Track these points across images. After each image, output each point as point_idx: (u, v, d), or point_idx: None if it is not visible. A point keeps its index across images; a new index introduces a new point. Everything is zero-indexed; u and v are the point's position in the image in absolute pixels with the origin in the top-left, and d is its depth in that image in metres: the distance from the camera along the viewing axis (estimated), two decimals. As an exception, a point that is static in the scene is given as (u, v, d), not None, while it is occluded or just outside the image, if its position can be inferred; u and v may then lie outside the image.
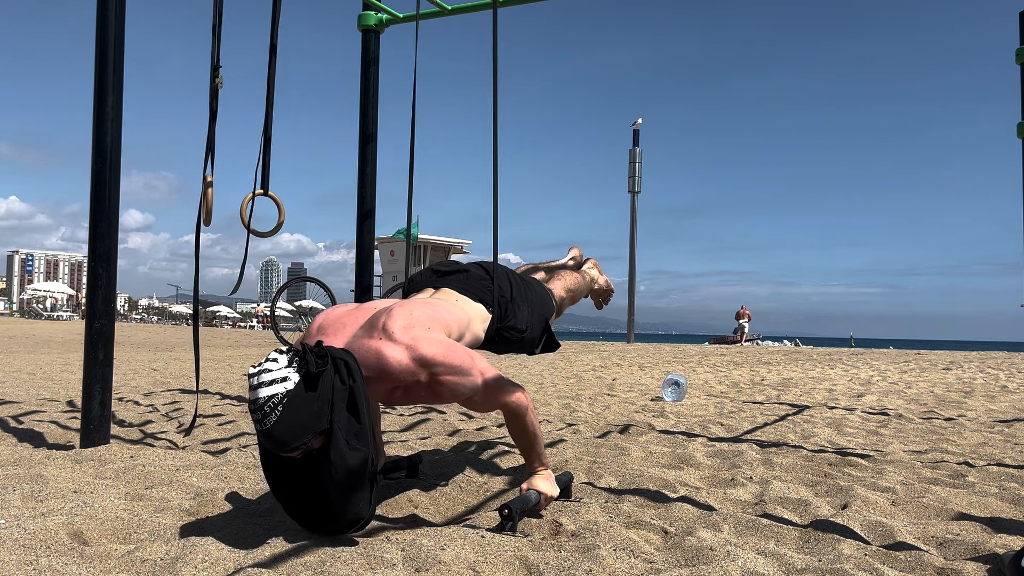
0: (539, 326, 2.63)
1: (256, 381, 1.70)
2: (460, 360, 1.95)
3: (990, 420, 4.52)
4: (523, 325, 2.52)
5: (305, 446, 1.73)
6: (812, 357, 12.56)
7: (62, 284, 73.02)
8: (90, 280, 2.98)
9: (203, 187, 2.85)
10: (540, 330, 2.65)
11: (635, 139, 25.91)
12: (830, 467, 2.95)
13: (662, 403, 5.15)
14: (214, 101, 2.87)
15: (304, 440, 1.71)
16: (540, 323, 2.64)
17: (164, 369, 7.69)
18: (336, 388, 1.75)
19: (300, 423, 1.70)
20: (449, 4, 4.17)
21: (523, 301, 2.56)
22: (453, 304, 2.28)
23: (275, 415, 1.68)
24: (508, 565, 1.71)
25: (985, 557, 1.83)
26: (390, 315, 1.96)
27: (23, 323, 29.34)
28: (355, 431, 1.78)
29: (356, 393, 1.78)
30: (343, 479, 1.76)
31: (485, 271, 2.53)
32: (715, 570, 1.69)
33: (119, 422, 3.89)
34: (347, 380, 1.77)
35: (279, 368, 1.72)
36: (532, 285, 2.72)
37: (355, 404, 1.77)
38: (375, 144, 4.32)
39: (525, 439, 2.14)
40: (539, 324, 2.63)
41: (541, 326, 2.65)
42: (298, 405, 1.69)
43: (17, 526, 1.83)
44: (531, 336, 2.58)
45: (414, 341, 1.90)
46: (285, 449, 1.72)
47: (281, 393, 1.69)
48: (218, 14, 2.89)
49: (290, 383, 1.70)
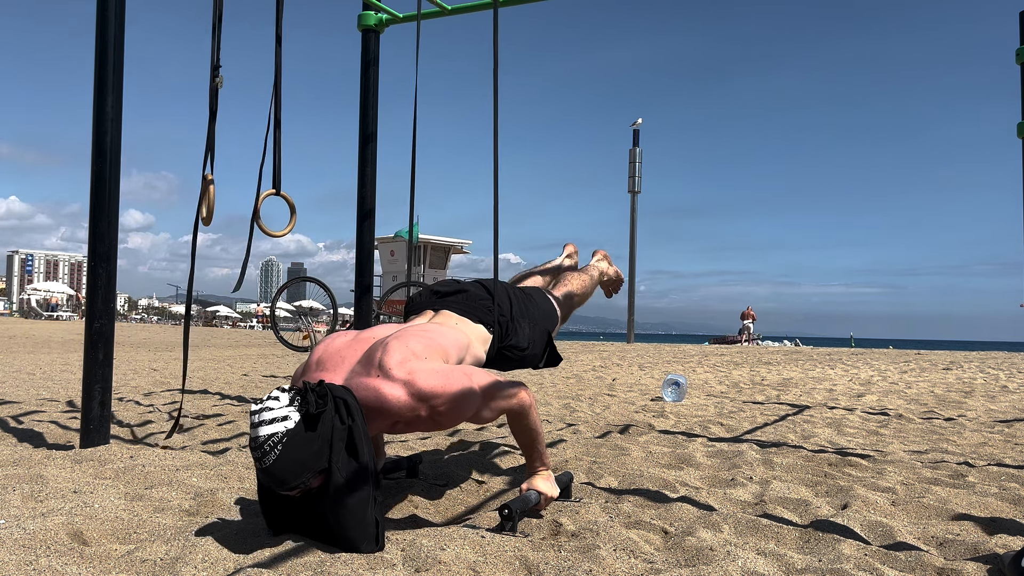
0: (541, 341, 2.62)
1: (257, 419, 1.72)
2: (458, 386, 1.94)
3: (990, 420, 4.52)
4: (524, 343, 2.51)
5: (304, 485, 1.74)
6: (812, 357, 12.56)
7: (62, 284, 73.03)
8: (90, 280, 2.98)
9: (203, 186, 2.85)
10: (543, 345, 2.64)
11: (635, 139, 25.93)
12: (830, 467, 2.95)
13: (662, 403, 5.15)
14: (214, 100, 2.87)
15: (303, 479, 1.72)
16: (543, 338, 2.63)
17: (164, 369, 7.69)
18: (336, 428, 1.76)
19: (299, 462, 1.71)
20: (449, 4, 4.17)
21: (523, 318, 2.55)
22: (452, 328, 2.27)
23: (275, 454, 1.69)
24: (508, 565, 1.71)
25: (985, 557, 1.83)
26: (386, 350, 1.94)
27: (23, 323, 29.34)
28: (355, 471, 1.78)
29: (355, 433, 1.79)
30: (344, 520, 1.77)
31: (486, 290, 2.53)
32: (715, 570, 1.69)
33: (119, 422, 3.89)
34: (346, 420, 1.78)
35: (280, 407, 1.73)
36: (533, 298, 2.70)
37: (354, 444, 1.78)
38: (375, 144, 4.32)
39: (527, 436, 2.15)
40: (541, 339, 2.62)
41: (544, 341, 2.64)
42: (298, 444, 1.71)
43: (17, 526, 1.83)
44: (533, 353, 2.58)
45: (411, 376, 1.89)
46: (284, 487, 1.73)
47: (281, 432, 1.70)
48: (218, 14, 2.89)
49: (290, 422, 1.71)
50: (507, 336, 2.47)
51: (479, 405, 1.99)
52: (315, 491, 1.78)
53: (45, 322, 31.25)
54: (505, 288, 2.62)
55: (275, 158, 3.01)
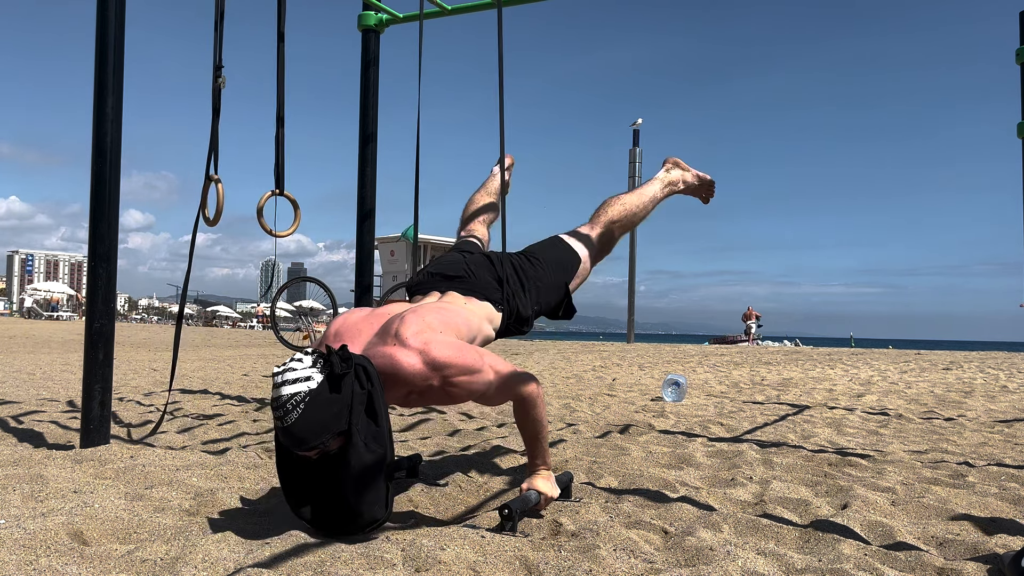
0: (554, 297, 2.59)
1: (280, 379, 1.75)
2: (471, 360, 1.98)
3: (990, 420, 4.52)
4: (528, 312, 2.52)
5: (323, 446, 1.76)
6: (812, 357, 12.56)
7: (62, 284, 73.01)
8: (90, 280, 2.98)
9: (205, 184, 2.85)
10: (557, 299, 2.61)
11: (635, 139, 25.92)
12: (830, 467, 2.95)
13: (662, 403, 5.15)
14: (217, 100, 2.87)
15: (323, 439, 1.75)
16: (554, 293, 2.60)
17: (164, 369, 7.69)
18: (356, 392, 1.79)
19: (320, 422, 1.73)
20: (449, 4, 4.17)
21: (532, 289, 2.54)
22: (462, 308, 2.29)
23: (296, 413, 1.72)
24: (508, 565, 1.71)
25: (985, 557, 1.83)
26: (403, 321, 1.99)
27: (23, 323, 29.34)
28: (373, 434, 1.82)
29: (375, 398, 1.82)
30: (360, 481, 1.80)
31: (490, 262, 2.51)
32: (715, 570, 1.69)
33: (119, 422, 3.89)
34: (366, 385, 1.82)
35: (303, 368, 1.77)
36: (541, 257, 2.65)
37: (373, 408, 1.82)
38: (375, 144, 4.33)
39: (532, 429, 2.15)
40: (552, 295, 2.59)
41: (556, 296, 2.61)
42: (319, 405, 1.74)
43: (17, 526, 1.83)
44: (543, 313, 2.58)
45: (426, 345, 1.93)
46: (303, 447, 1.75)
47: (304, 392, 1.73)
48: (219, 14, 2.90)
49: (313, 383, 1.75)
50: (515, 312, 2.48)
51: (490, 383, 2.01)
52: (333, 454, 1.81)
53: (45, 322, 31.25)
54: (511, 261, 2.58)
55: (277, 160, 3.02)
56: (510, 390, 2.07)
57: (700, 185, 3.10)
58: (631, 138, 25.94)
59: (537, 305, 2.55)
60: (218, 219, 2.92)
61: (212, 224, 2.96)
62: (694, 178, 3.06)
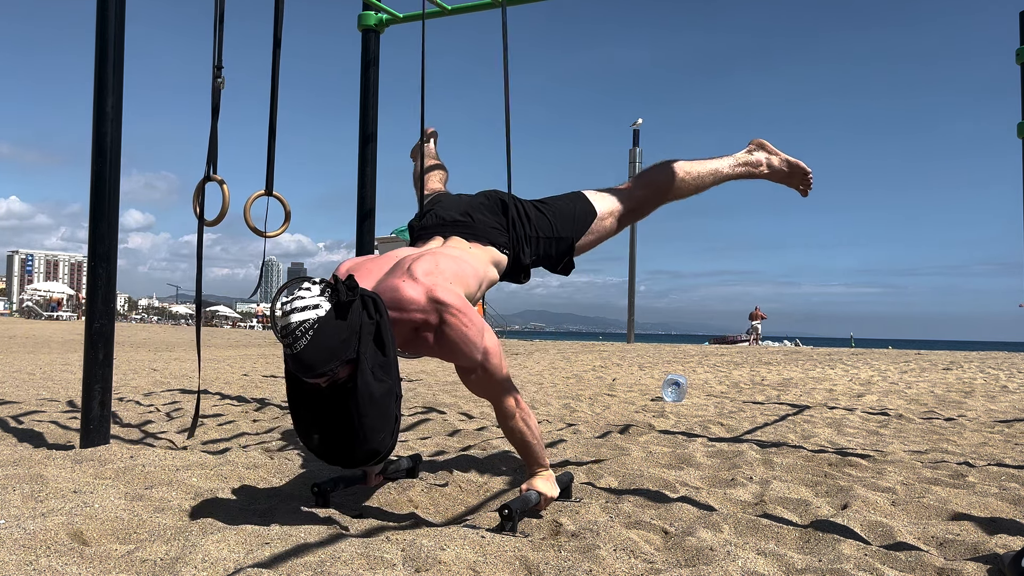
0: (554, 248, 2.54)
1: (288, 307, 1.77)
2: (471, 312, 2.01)
3: (990, 420, 4.52)
4: (527, 261, 2.50)
5: (332, 373, 1.79)
6: (812, 357, 12.56)
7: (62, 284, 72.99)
8: (90, 280, 2.98)
9: (201, 183, 2.84)
10: (558, 250, 2.55)
11: (635, 139, 25.92)
12: (830, 467, 2.95)
13: (662, 403, 5.15)
14: (216, 100, 2.87)
15: (331, 366, 1.77)
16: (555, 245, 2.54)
17: (164, 369, 7.69)
18: (364, 322, 1.82)
19: (329, 349, 1.75)
20: (449, 4, 4.17)
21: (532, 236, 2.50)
22: (468, 253, 2.31)
23: (305, 339, 1.74)
24: (508, 565, 1.71)
25: (985, 557, 1.83)
26: (416, 260, 2.05)
27: (23, 323, 29.34)
28: (381, 363, 1.84)
29: (383, 328, 1.85)
30: (368, 409, 1.82)
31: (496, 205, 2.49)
32: (715, 570, 1.69)
33: (119, 422, 3.89)
34: (374, 315, 1.84)
35: (311, 296, 1.78)
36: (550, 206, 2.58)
37: (381, 338, 1.84)
38: (375, 144, 4.33)
39: (517, 438, 2.16)
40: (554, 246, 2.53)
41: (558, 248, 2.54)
42: (328, 332, 1.76)
43: (17, 526, 1.83)
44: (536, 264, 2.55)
45: (433, 284, 1.97)
46: (312, 374, 1.77)
47: (312, 319, 1.75)
48: (219, 13, 2.89)
49: (321, 310, 1.76)
50: (518, 258, 2.48)
51: (482, 341, 2.02)
52: (342, 383, 1.82)
53: (45, 322, 31.25)
54: (515, 204, 2.54)
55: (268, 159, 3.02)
56: (495, 380, 2.07)
57: (791, 173, 2.79)
58: (631, 138, 25.94)
59: (536, 255, 2.52)
60: (221, 220, 2.91)
61: (213, 225, 2.96)
62: (782, 163, 2.77)
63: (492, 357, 2.05)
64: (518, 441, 2.16)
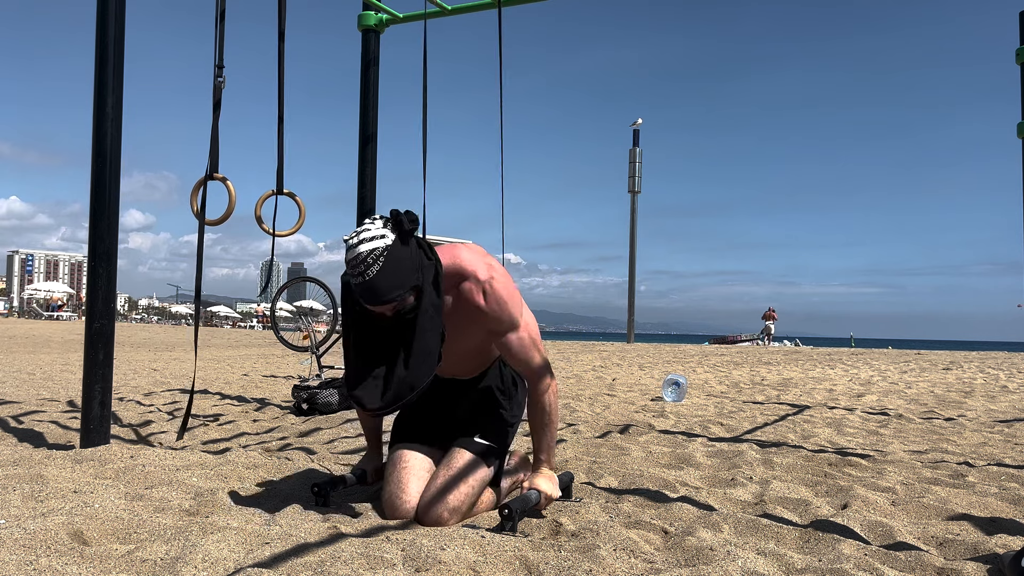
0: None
1: (356, 240, 1.88)
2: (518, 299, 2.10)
3: (990, 420, 4.52)
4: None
5: (401, 299, 1.89)
6: (812, 357, 12.56)
7: (62, 284, 72.96)
8: (90, 280, 2.98)
9: (201, 181, 2.85)
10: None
11: (635, 139, 25.93)
12: (830, 467, 2.95)
13: (662, 403, 5.15)
14: (217, 99, 2.87)
15: (401, 292, 1.88)
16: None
17: (164, 369, 7.69)
18: (424, 263, 1.95)
19: (398, 275, 1.87)
20: (449, 4, 4.17)
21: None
22: None
23: (377, 266, 1.85)
24: (508, 565, 1.71)
25: (985, 557, 1.83)
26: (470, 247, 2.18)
27: (23, 323, 29.34)
28: (436, 305, 1.95)
29: (439, 272, 1.98)
30: (419, 344, 1.92)
31: None
32: (715, 570, 1.69)
33: (119, 422, 3.89)
34: (433, 258, 1.98)
35: (376, 228, 1.90)
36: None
37: (438, 281, 1.97)
38: (375, 144, 4.33)
39: (539, 419, 2.17)
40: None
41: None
42: (397, 259, 1.87)
43: (17, 526, 1.83)
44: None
45: (492, 265, 2.08)
46: (384, 299, 1.86)
47: (381, 247, 1.87)
48: (219, 13, 2.89)
49: (388, 239, 1.88)
50: None
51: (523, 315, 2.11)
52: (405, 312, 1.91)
53: (45, 322, 31.25)
54: None
55: (279, 159, 3.02)
56: (534, 351, 2.13)
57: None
58: (631, 138, 25.92)
59: None
60: (226, 218, 2.91)
61: (219, 223, 2.96)
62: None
63: (532, 327, 2.15)
64: (538, 422, 2.18)
